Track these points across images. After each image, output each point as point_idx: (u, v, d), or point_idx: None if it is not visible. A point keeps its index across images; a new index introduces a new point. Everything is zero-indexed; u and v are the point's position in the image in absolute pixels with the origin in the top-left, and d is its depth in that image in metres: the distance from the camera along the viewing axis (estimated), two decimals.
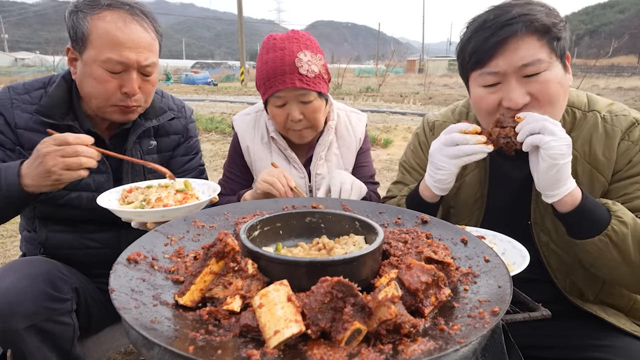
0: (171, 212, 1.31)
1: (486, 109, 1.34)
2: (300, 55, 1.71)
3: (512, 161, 1.45)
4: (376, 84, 25.35)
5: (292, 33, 1.80)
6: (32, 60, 67.52)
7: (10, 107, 1.57)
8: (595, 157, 1.35)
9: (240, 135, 1.96)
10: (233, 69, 56.57)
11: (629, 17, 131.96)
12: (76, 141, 1.32)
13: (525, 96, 1.26)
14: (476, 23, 1.31)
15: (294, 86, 1.69)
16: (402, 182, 1.73)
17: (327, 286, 0.73)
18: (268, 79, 1.73)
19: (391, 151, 8.10)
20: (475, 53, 1.29)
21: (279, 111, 1.77)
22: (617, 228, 1.20)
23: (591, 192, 1.34)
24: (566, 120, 1.40)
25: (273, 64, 1.71)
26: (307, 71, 1.70)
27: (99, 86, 1.52)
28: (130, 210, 1.33)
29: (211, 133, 9.93)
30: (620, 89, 22.38)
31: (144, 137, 1.77)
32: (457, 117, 1.64)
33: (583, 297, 1.45)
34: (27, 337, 1.34)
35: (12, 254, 3.64)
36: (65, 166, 1.30)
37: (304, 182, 1.92)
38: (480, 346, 0.76)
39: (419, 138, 1.73)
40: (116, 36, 1.48)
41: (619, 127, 1.35)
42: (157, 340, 0.67)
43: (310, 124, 1.80)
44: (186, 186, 1.48)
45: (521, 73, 1.26)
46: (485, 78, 1.30)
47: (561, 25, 1.27)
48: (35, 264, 1.45)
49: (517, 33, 1.23)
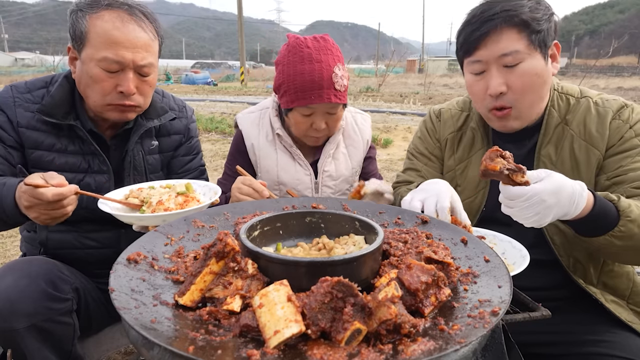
0: (172, 217, 1.31)
1: (475, 95, 1.51)
2: (336, 69, 1.72)
3: (512, 142, 1.55)
4: (376, 84, 25.35)
5: (324, 42, 1.78)
6: (32, 60, 67.55)
7: (13, 105, 1.57)
8: (590, 134, 1.45)
9: (244, 133, 1.96)
10: (233, 69, 56.58)
11: (629, 17, 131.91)
12: (56, 197, 1.23)
13: (502, 85, 1.41)
14: (468, 17, 1.46)
15: (330, 102, 1.71)
16: (411, 168, 1.81)
17: (327, 286, 0.73)
18: (303, 90, 1.72)
19: (391, 151, 8.10)
20: (464, 44, 1.46)
21: (304, 120, 1.79)
22: (625, 228, 1.21)
23: (588, 166, 1.45)
24: (560, 106, 1.52)
25: (310, 77, 1.70)
26: (340, 86, 1.73)
27: (95, 85, 1.52)
28: (132, 215, 1.33)
29: (211, 133, 9.93)
30: (620, 88, 22.38)
31: (146, 137, 1.77)
32: (461, 106, 1.76)
33: (586, 278, 1.49)
34: (27, 336, 1.34)
35: (12, 254, 3.64)
36: (51, 218, 1.29)
37: (309, 178, 1.94)
38: (480, 346, 0.76)
39: (426, 125, 1.83)
40: (113, 35, 1.48)
41: (610, 108, 1.46)
42: (157, 340, 0.67)
43: (329, 132, 1.85)
44: (187, 189, 1.48)
45: (501, 62, 1.40)
46: (473, 66, 1.47)
47: (543, 18, 1.38)
48: (36, 264, 1.45)
49: (498, 27, 1.38)
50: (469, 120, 1.69)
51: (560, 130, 1.49)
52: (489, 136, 1.62)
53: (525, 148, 1.54)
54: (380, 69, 37.86)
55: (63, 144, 1.61)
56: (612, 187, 1.39)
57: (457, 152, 1.69)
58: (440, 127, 1.76)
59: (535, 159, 1.52)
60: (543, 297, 1.23)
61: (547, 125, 1.50)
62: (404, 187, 1.70)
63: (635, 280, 1.53)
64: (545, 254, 1.48)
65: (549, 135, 1.50)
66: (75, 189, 1.30)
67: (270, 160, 1.93)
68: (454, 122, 1.72)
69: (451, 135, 1.71)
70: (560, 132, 1.49)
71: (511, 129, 1.49)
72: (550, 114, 1.50)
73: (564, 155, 1.48)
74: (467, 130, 1.68)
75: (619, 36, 22.28)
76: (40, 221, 1.30)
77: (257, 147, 1.94)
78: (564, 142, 1.48)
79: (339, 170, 1.97)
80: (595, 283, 1.50)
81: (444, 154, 1.74)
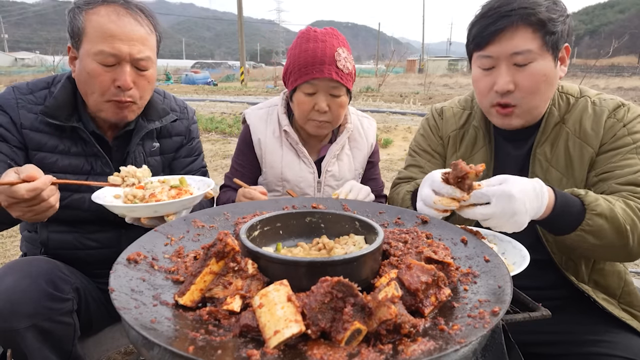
0: (163, 207, 1.30)
1: (481, 89, 1.50)
2: (339, 50, 1.77)
3: (512, 142, 1.58)
4: (376, 84, 25.34)
5: (332, 30, 1.86)
6: (32, 60, 67.59)
7: (16, 107, 1.56)
8: (585, 132, 1.47)
9: (252, 128, 1.98)
10: (233, 69, 56.58)
11: (629, 17, 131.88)
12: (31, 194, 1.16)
13: (510, 84, 1.40)
14: (483, 9, 1.44)
15: (330, 77, 1.74)
16: (413, 164, 1.81)
17: (327, 286, 0.73)
18: (305, 66, 1.76)
19: (391, 151, 8.10)
20: (476, 37, 1.44)
21: (308, 99, 1.80)
22: (592, 222, 1.22)
23: (581, 164, 1.46)
24: (561, 105, 1.52)
25: (313, 53, 1.75)
26: (343, 66, 1.76)
27: (92, 80, 1.50)
28: (123, 206, 1.32)
29: (211, 133, 9.93)
30: (620, 88, 22.38)
31: (147, 138, 1.76)
32: (463, 104, 1.76)
33: (578, 276, 1.50)
34: (27, 336, 1.34)
35: (12, 254, 3.64)
36: (35, 214, 1.23)
37: (312, 177, 1.96)
38: (480, 346, 0.76)
39: (429, 122, 1.83)
40: (109, 28, 1.47)
41: (606, 107, 1.47)
42: (157, 340, 0.67)
43: (332, 118, 1.85)
44: (181, 183, 1.48)
45: (511, 61, 1.38)
46: (482, 61, 1.45)
47: (559, 20, 1.36)
48: (36, 264, 1.45)
49: (514, 24, 1.35)
50: (471, 119, 1.70)
51: (557, 129, 1.50)
52: (490, 134, 1.62)
53: (524, 148, 1.55)
54: (380, 69, 37.86)
55: (66, 145, 1.61)
56: (598, 184, 1.40)
57: (460, 150, 1.69)
58: (442, 124, 1.76)
59: (531, 158, 1.52)
60: (542, 296, 1.23)
61: (546, 125, 1.50)
62: (405, 186, 1.70)
63: (627, 279, 1.53)
64: (541, 254, 1.49)
65: (546, 134, 1.50)
66: (51, 179, 1.22)
67: (275, 156, 1.95)
68: (456, 120, 1.73)
69: (453, 133, 1.71)
70: (557, 130, 1.50)
71: (511, 126, 1.49)
72: (550, 113, 1.50)
73: (558, 153, 1.49)
74: (469, 129, 1.68)
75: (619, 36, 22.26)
76: (27, 219, 1.24)
77: (263, 143, 1.95)
78: (559, 140, 1.49)
79: (342, 171, 1.99)
80: (586, 281, 1.51)
81: (447, 151, 1.74)
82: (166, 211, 1.32)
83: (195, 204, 1.44)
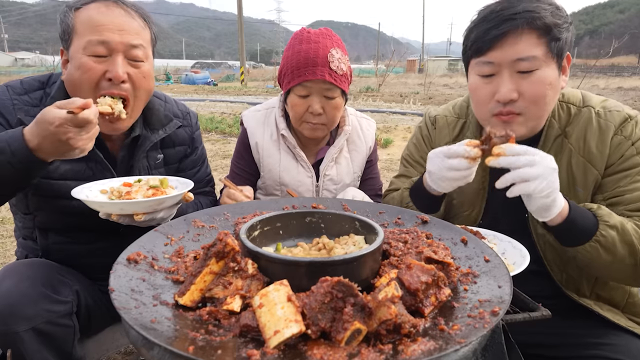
0: (130, 206, 1.29)
1: (480, 98, 1.39)
2: (333, 51, 1.75)
3: None
4: (376, 83, 25.34)
5: (325, 30, 1.84)
6: (32, 60, 67.64)
7: (12, 109, 1.51)
8: (589, 151, 1.38)
9: (249, 131, 1.96)
10: (233, 69, 56.60)
11: (629, 17, 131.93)
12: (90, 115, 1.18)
13: (513, 92, 1.31)
14: (483, 12, 1.35)
15: (323, 79, 1.72)
16: (405, 175, 1.77)
17: (327, 286, 0.73)
18: (298, 67, 1.75)
19: (391, 151, 8.10)
20: (476, 42, 1.34)
21: (301, 101, 1.79)
22: (605, 233, 1.21)
23: (585, 185, 1.38)
24: (561, 116, 1.44)
25: (306, 54, 1.74)
26: (337, 67, 1.74)
27: (84, 75, 1.43)
28: (94, 201, 1.32)
29: (211, 133, 9.93)
30: (620, 89, 22.37)
31: (151, 150, 1.70)
32: (458, 111, 1.68)
33: (579, 291, 1.47)
34: (27, 339, 1.33)
35: (11, 254, 3.64)
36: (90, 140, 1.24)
37: (310, 181, 1.95)
38: (480, 346, 0.76)
39: (422, 132, 1.77)
40: (98, 20, 1.43)
41: (612, 122, 1.37)
42: (157, 340, 0.67)
43: (327, 121, 1.83)
44: (162, 183, 1.46)
45: (515, 68, 1.30)
46: (482, 68, 1.36)
47: (564, 26, 1.30)
48: (36, 266, 1.44)
49: (519, 28, 1.27)
50: (465, 129, 1.62)
51: (559, 142, 1.42)
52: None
53: None
54: (380, 69, 37.85)
55: None
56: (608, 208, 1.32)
57: None
58: (435, 135, 1.70)
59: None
60: (543, 304, 1.22)
61: (547, 137, 1.42)
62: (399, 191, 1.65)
63: (632, 291, 1.49)
64: (537, 266, 1.45)
65: (547, 147, 1.42)
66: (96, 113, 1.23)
67: (273, 159, 1.93)
68: (449, 130, 1.65)
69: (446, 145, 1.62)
70: (559, 144, 1.42)
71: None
72: (550, 125, 1.42)
73: (560, 169, 1.35)
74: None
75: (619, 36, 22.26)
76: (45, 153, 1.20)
77: (260, 146, 1.94)
78: (562, 156, 1.41)
79: (340, 174, 1.97)
80: (588, 295, 1.47)
81: None
82: (133, 210, 1.30)
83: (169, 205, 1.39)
